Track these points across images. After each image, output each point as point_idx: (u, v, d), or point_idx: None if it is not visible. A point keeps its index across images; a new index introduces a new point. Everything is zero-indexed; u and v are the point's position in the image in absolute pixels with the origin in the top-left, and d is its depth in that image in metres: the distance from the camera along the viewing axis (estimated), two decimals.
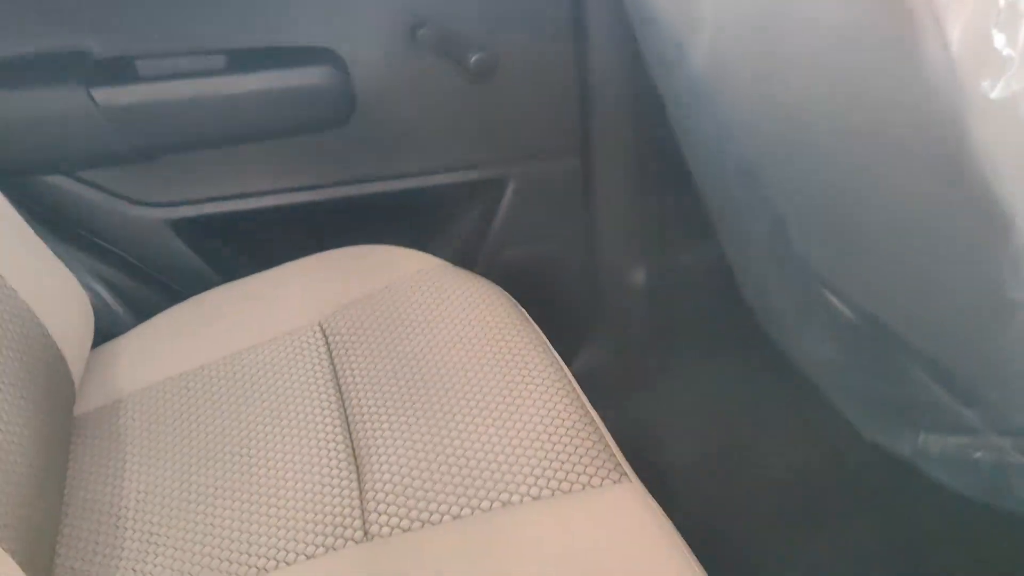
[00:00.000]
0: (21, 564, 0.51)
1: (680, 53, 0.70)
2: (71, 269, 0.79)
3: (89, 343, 0.79)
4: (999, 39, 0.44)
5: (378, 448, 0.66)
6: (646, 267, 1.10)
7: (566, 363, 0.74)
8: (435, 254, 0.88)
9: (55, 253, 0.77)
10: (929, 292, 0.66)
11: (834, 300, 0.83)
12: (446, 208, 1.00)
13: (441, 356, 0.74)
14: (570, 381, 0.71)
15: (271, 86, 0.85)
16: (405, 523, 0.60)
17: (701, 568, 0.56)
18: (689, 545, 0.59)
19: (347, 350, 0.77)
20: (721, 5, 0.63)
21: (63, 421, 0.70)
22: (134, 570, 0.61)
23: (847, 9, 0.51)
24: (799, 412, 0.98)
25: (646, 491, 0.61)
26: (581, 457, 0.63)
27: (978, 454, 0.76)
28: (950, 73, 0.45)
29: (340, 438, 0.68)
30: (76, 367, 0.74)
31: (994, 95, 0.44)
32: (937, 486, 0.78)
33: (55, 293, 0.74)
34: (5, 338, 0.62)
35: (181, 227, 0.92)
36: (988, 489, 0.75)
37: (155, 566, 0.61)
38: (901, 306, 0.74)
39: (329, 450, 0.67)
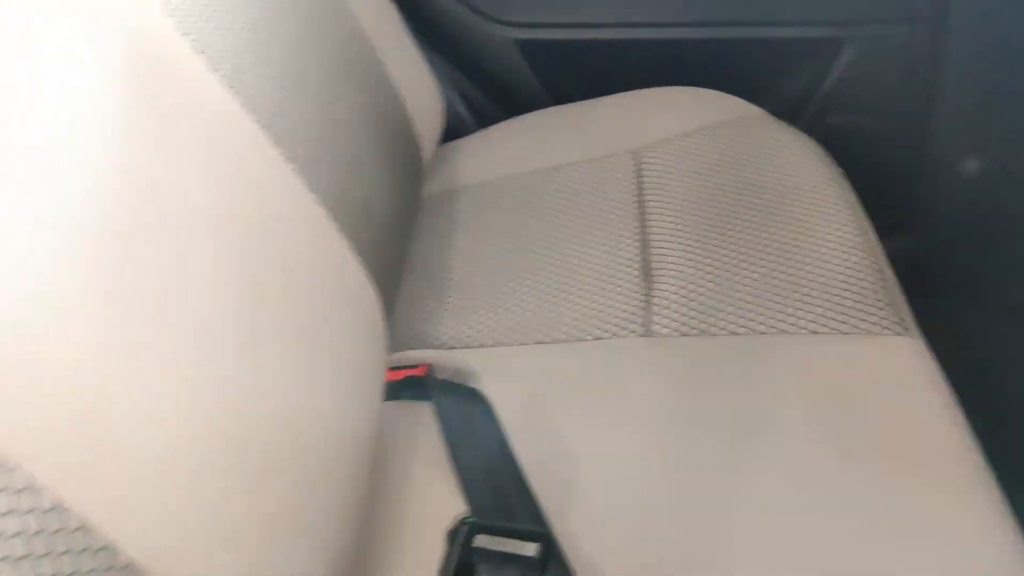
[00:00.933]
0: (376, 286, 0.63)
1: None
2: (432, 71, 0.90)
3: (437, 134, 0.91)
4: None
5: (670, 263, 0.72)
6: (982, 160, 1.03)
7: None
8: (762, 106, 0.90)
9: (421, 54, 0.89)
10: None
11: None
12: (778, 62, 0.99)
13: (748, 197, 0.76)
14: (871, 240, 0.72)
15: None
16: (684, 328, 0.66)
17: (966, 431, 0.56)
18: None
19: (656, 177, 0.82)
20: None
21: (414, 189, 0.83)
22: (452, 320, 0.72)
23: None
24: None
25: (927, 349, 0.61)
26: (867, 305, 0.64)
27: None
28: None
29: (636, 248, 0.74)
30: (426, 150, 0.86)
31: None
32: None
33: (415, 81, 0.86)
34: (372, 102, 0.74)
35: (528, 47, 1.00)
36: None
37: (468, 326, 0.72)
38: None
39: (624, 257, 0.74)
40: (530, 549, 0.48)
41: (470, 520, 0.48)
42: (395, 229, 0.73)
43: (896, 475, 0.53)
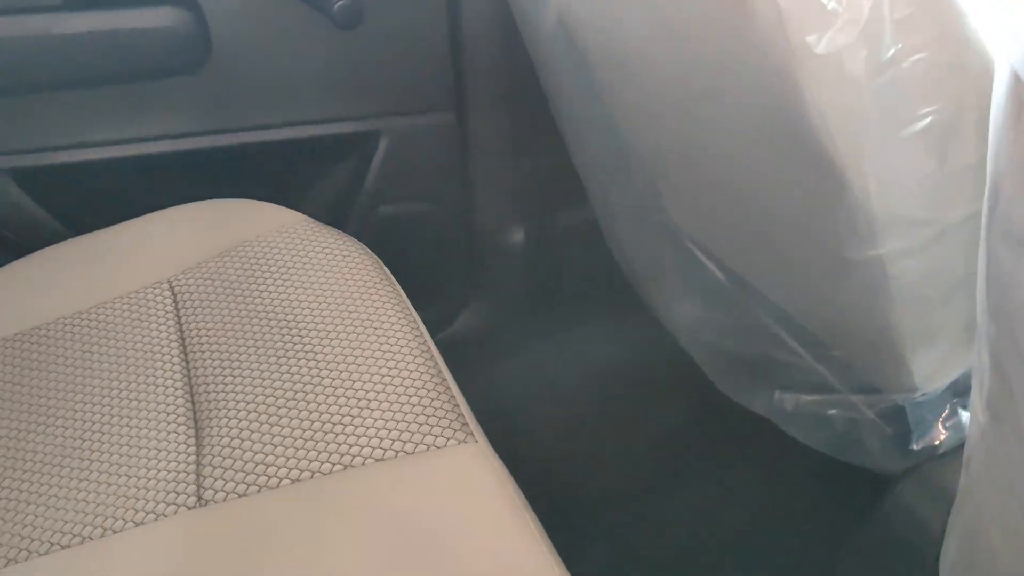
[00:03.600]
0: None
1: (536, 9, 0.68)
2: None
3: None
4: None
5: (219, 412, 0.63)
6: (524, 227, 1.09)
7: (445, 325, 0.73)
8: (304, 211, 0.85)
9: None
10: (778, 250, 0.66)
11: (704, 259, 0.84)
12: (314, 163, 0.96)
13: (293, 316, 0.71)
14: (426, 342, 0.70)
15: (115, 26, 0.79)
16: (241, 488, 0.58)
17: (539, 528, 0.55)
18: (542, 505, 0.58)
19: (195, 309, 0.73)
20: None
21: None
22: None
23: None
24: (670, 375, 0.99)
25: (492, 452, 0.60)
26: (428, 418, 0.61)
27: (832, 411, 0.78)
28: (779, 28, 0.44)
29: (181, 401, 0.65)
30: None
31: (820, 50, 0.43)
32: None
33: None
34: None
35: (24, 177, 0.86)
36: (841, 445, 0.78)
37: None
38: (758, 263, 0.75)
39: (168, 414, 0.64)
40: None
41: None
42: None
43: None
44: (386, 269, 0.79)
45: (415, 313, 0.74)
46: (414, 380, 0.64)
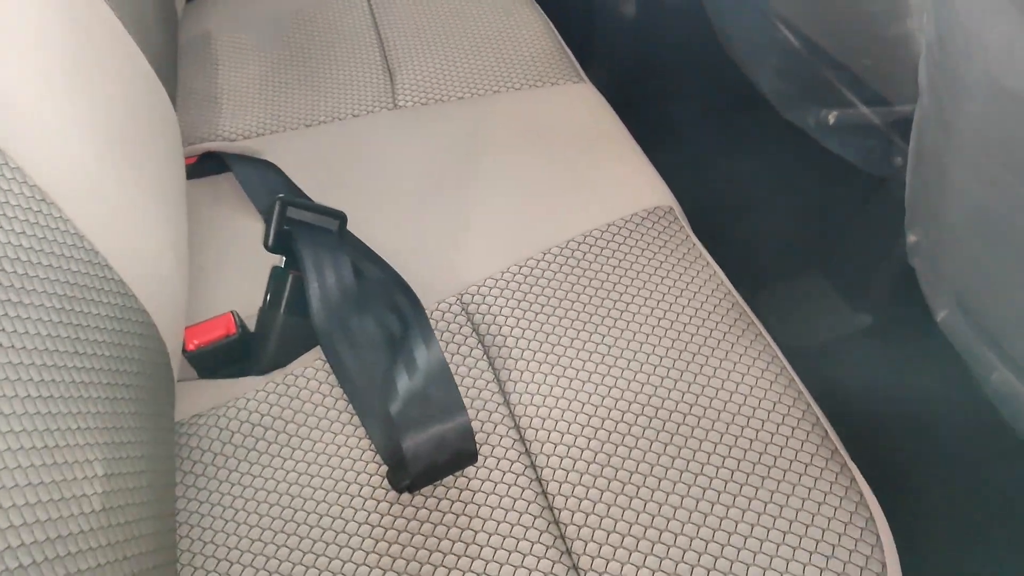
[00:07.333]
0: None
1: None
2: None
3: None
4: None
5: (404, 55, 0.90)
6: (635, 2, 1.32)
7: None
8: None
9: None
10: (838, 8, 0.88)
11: (783, 28, 1.05)
12: None
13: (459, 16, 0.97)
14: (549, 24, 0.95)
15: None
16: (423, 99, 0.85)
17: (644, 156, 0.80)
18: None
19: (389, 10, 1.00)
20: None
21: (173, 33, 0.94)
22: (230, 117, 0.86)
23: None
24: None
25: (597, 91, 0.85)
26: (549, 64, 0.87)
27: (857, 123, 1.00)
28: None
29: (377, 49, 0.92)
30: (178, 5, 0.97)
31: None
32: None
33: None
34: None
35: None
36: (865, 154, 1.00)
37: (243, 121, 0.86)
38: (823, 23, 0.96)
39: (368, 56, 0.91)
40: (331, 223, 0.65)
41: (282, 197, 0.64)
42: (167, 55, 0.85)
43: (573, 159, 0.77)
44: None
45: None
46: (539, 43, 0.90)
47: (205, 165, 0.80)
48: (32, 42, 0.53)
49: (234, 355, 0.63)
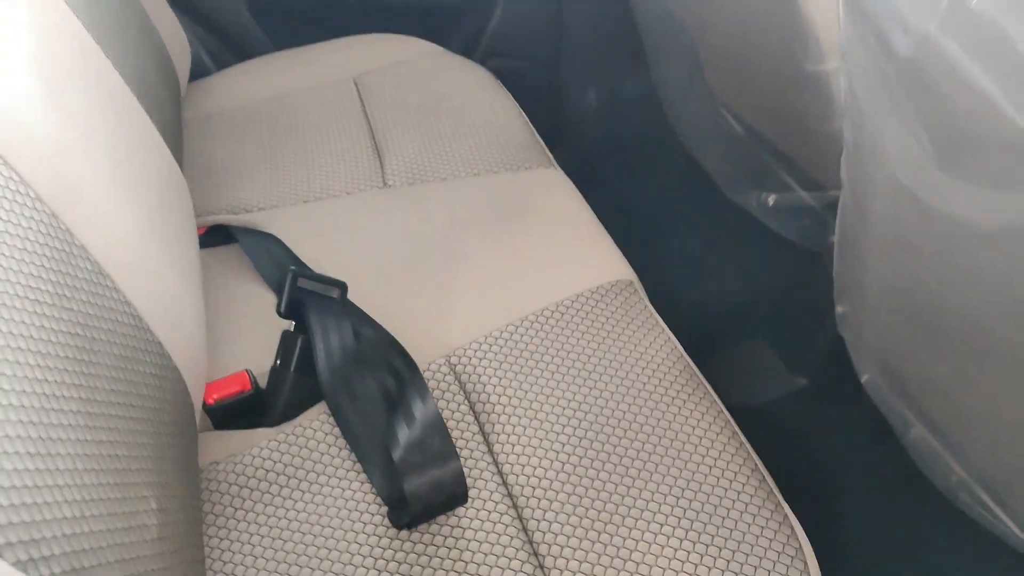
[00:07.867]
0: None
1: None
2: None
3: (187, 73, 1.12)
4: None
5: (392, 138, 1.00)
6: (596, 90, 1.45)
7: None
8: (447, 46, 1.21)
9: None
10: (760, 83, 1.00)
11: (728, 117, 1.18)
12: (451, 15, 1.32)
13: (440, 105, 1.07)
14: (525, 119, 1.06)
15: None
16: (410, 179, 0.95)
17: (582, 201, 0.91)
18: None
19: (374, 92, 1.10)
20: None
21: (177, 111, 1.03)
22: (228, 193, 0.95)
23: None
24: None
25: (565, 176, 0.96)
26: (525, 151, 0.98)
27: (794, 206, 1.12)
28: None
29: (366, 134, 1.02)
30: (182, 86, 1.07)
31: None
32: None
33: (169, 28, 1.06)
34: (143, 42, 0.95)
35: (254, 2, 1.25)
36: (802, 232, 1.12)
37: (241, 197, 0.95)
38: (764, 115, 1.09)
39: (359, 140, 1.01)
40: (334, 292, 0.74)
41: (294, 269, 0.73)
42: (174, 129, 0.94)
43: (545, 236, 0.88)
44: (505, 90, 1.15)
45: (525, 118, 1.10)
46: (516, 132, 1.01)
47: (211, 236, 0.88)
48: (90, 142, 0.62)
49: (248, 409, 0.71)
